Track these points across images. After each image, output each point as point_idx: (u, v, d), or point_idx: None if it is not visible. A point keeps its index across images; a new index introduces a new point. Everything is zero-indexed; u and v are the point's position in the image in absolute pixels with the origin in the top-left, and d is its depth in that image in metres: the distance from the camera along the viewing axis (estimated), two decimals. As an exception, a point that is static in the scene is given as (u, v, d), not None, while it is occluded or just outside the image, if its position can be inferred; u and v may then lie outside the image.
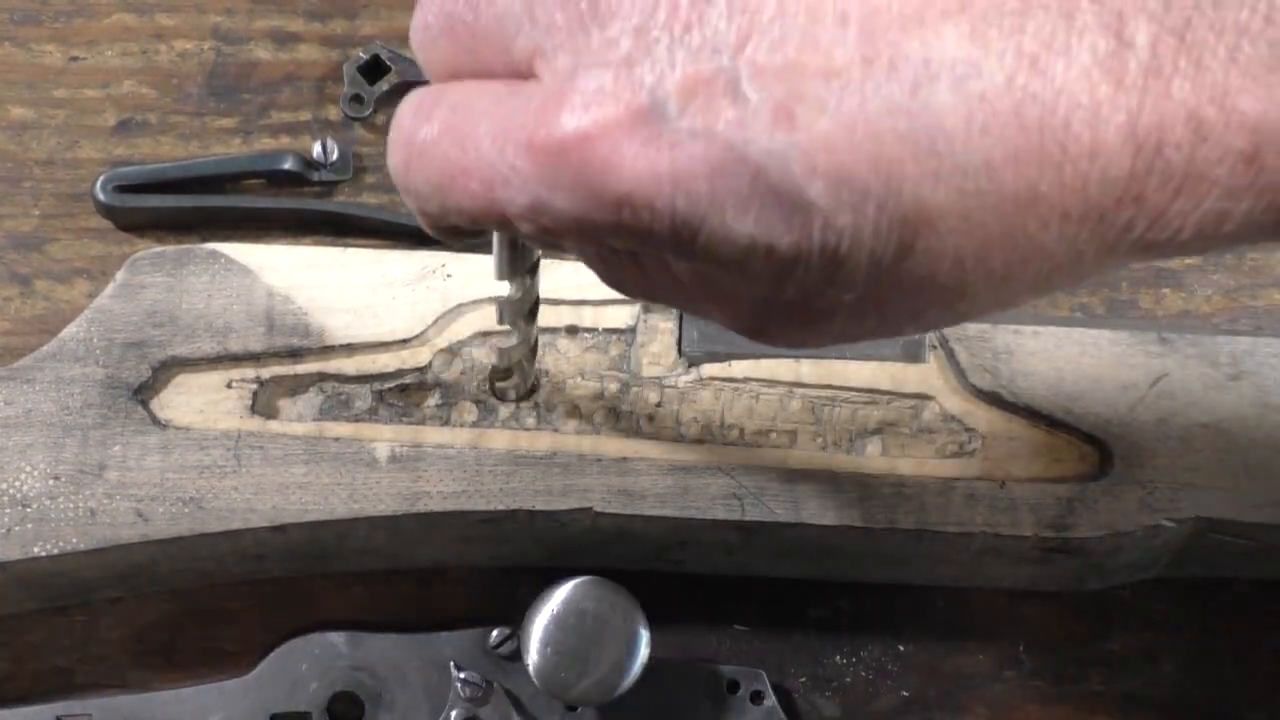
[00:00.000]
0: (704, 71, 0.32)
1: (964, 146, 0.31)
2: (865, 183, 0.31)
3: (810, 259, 0.33)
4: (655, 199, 0.32)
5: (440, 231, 0.39)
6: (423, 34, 0.37)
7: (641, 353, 0.54)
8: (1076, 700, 0.58)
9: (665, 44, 0.32)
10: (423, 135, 0.36)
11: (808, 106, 0.31)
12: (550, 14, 0.34)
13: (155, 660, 0.57)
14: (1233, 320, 0.62)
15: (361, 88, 0.63)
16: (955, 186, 0.31)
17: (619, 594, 0.51)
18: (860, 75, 0.31)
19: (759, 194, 0.32)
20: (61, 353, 0.52)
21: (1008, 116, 0.31)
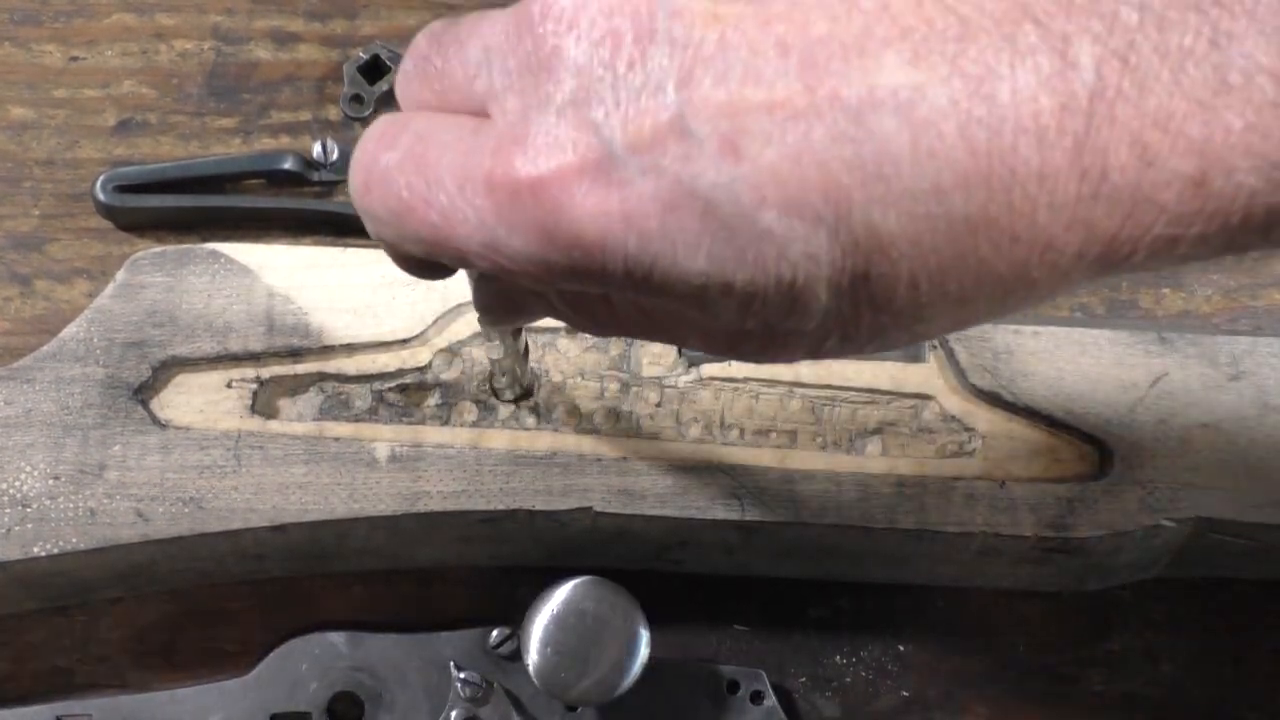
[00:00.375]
0: (649, 109, 0.32)
1: (911, 171, 0.31)
2: (816, 210, 0.31)
3: (767, 293, 0.33)
4: (607, 238, 0.33)
5: (399, 259, 0.39)
6: (402, 78, 0.38)
7: (641, 353, 0.54)
8: (1076, 700, 0.58)
9: (609, 83, 0.32)
10: (385, 161, 0.36)
11: (753, 139, 0.31)
12: (504, 59, 0.34)
13: (155, 660, 0.57)
14: (1233, 320, 0.62)
15: (361, 88, 0.63)
16: (905, 211, 0.31)
17: (619, 594, 0.51)
18: (804, 105, 0.31)
19: (710, 229, 0.32)
20: (61, 353, 0.52)
21: (954, 140, 0.31)
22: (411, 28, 0.65)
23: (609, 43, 0.32)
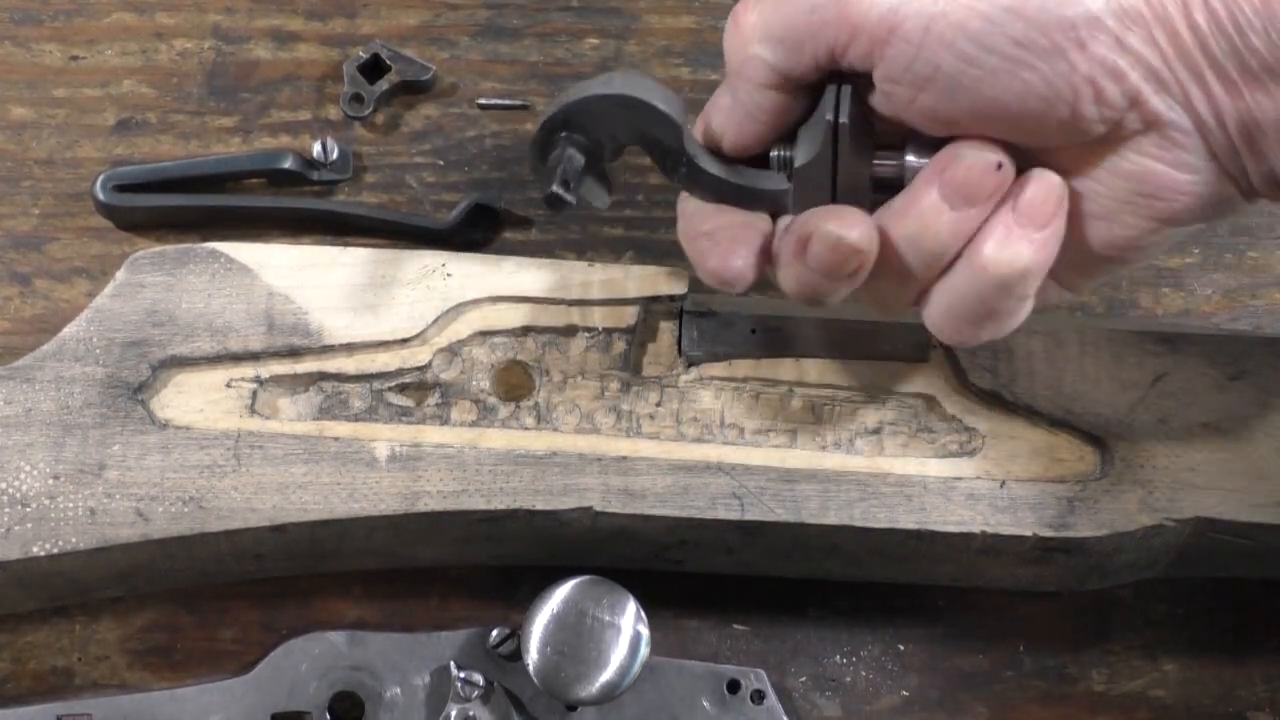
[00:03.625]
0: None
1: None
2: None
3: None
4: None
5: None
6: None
7: (641, 353, 0.54)
8: (1076, 700, 0.58)
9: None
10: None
11: None
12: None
13: (155, 660, 0.57)
14: (1233, 320, 0.62)
15: (361, 87, 0.63)
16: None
17: (619, 594, 0.51)
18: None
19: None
20: (61, 352, 0.52)
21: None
22: (412, 28, 0.65)
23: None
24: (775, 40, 0.45)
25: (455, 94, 0.64)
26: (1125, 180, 0.44)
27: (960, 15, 0.41)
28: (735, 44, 0.46)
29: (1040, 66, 0.42)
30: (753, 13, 0.45)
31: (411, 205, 0.63)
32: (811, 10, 0.43)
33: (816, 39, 0.44)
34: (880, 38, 0.43)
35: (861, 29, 0.43)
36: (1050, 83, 0.42)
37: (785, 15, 0.44)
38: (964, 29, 0.42)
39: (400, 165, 0.63)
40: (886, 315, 0.50)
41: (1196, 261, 0.63)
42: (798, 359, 0.54)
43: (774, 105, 0.46)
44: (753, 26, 0.45)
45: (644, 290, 0.54)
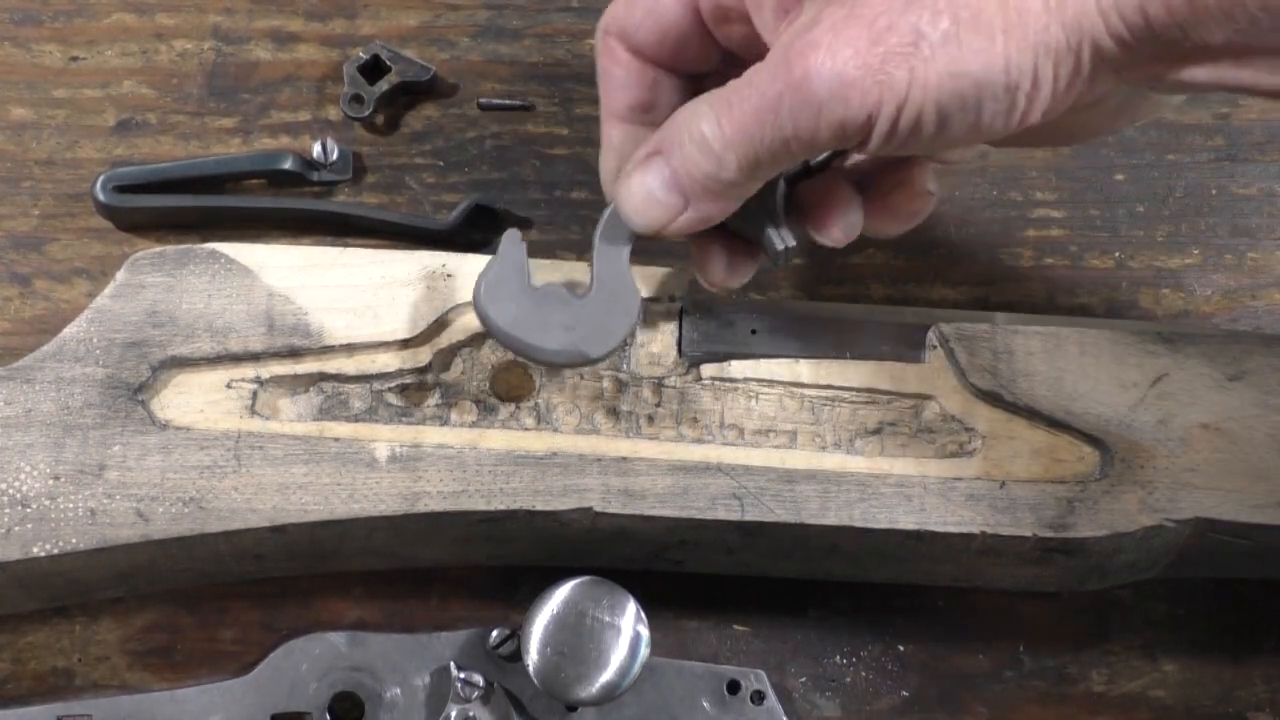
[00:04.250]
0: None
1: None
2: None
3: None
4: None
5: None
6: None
7: (641, 353, 0.54)
8: (1076, 700, 0.58)
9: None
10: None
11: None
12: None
13: (155, 660, 0.57)
14: (1233, 320, 0.62)
15: (361, 88, 0.63)
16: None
17: (619, 594, 0.51)
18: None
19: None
20: (62, 353, 0.52)
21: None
22: (411, 28, 0.65)
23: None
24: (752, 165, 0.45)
25: (455, 94, 0.64)
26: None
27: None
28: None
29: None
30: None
31: (411, 206, 0.63)
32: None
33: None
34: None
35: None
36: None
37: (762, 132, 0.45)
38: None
39: (400, 166, 0.63)
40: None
41: (1196, 261, 0.63)
42: (798, 359, 0.54)
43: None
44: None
45: (644, 290, 0.54)
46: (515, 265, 0.50)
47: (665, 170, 0.47)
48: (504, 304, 0.50)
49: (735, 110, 0.44)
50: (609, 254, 0.50)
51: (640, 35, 0.49)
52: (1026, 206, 0.64)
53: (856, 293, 0.62)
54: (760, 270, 0.52)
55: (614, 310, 0.51)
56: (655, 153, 0.47)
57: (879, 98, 0.41)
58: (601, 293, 0.50)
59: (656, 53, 0.49)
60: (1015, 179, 0.64)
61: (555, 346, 0.50)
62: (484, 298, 0.50)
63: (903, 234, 0.51)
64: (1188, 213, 0.64)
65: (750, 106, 0.43)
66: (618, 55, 0.50)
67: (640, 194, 0.48)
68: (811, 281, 0.62)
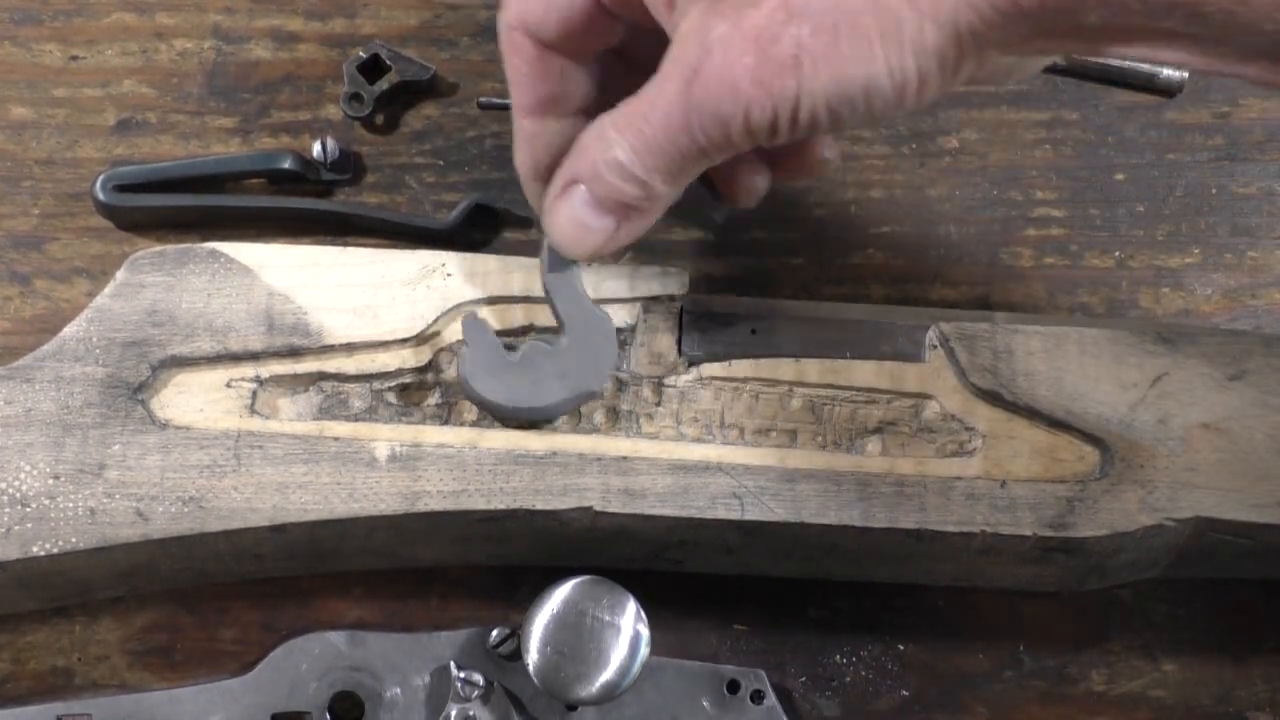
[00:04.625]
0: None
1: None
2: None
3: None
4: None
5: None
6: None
7: (641, 353, 0.54)
8: (1076, 700, 0.58)
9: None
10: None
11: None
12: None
13: (155, 660, 0.57)
14: (1233, 320, 0.62)
15: (361, 87, 0.63)
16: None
17: (619, 594, 0.51)
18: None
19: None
20: (61, 352, 0.52)
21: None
22: (412, 28, 0.65)
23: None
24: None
25: (455, 94, 0.64)
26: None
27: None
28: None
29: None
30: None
31: (411, 205, 0.63)
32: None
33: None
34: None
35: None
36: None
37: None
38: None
39: (400, 165, 0.63)
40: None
41: (1196, 261, 0.63)
42: (798, 359, 0.54)
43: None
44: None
45: (644, 290, 0.54)
46: (487, 345, 0.52)
47: (589, 197, 0.48)
48: (494, 384, 0.52)
49: (647, 134, 0.46)
50: (562, 288, 0.52)
51: (545, 27, 0.49)
52: (1026, 206, 0.64)
53: (856, 293, 0.62)
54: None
55: (593, 340, 0.52)
56: (573, 181, 0.48)
57: (774, 107, 0.43)
58: (574, 330, 0.52)
59: (563, 41, 0.50)
60: (1015, 179, 0.64)
61: (560, 398, 0.52)
62: (473, 386, 0.52)
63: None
64: (1188, 212, 0.64)
65: (660, 130, 0.45)
66: (524, 50, 0.50)
67: (571, 226, 0.49)
68: (811, 281, 0.62)
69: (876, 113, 0.43)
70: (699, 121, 0.44)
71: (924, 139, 0.64)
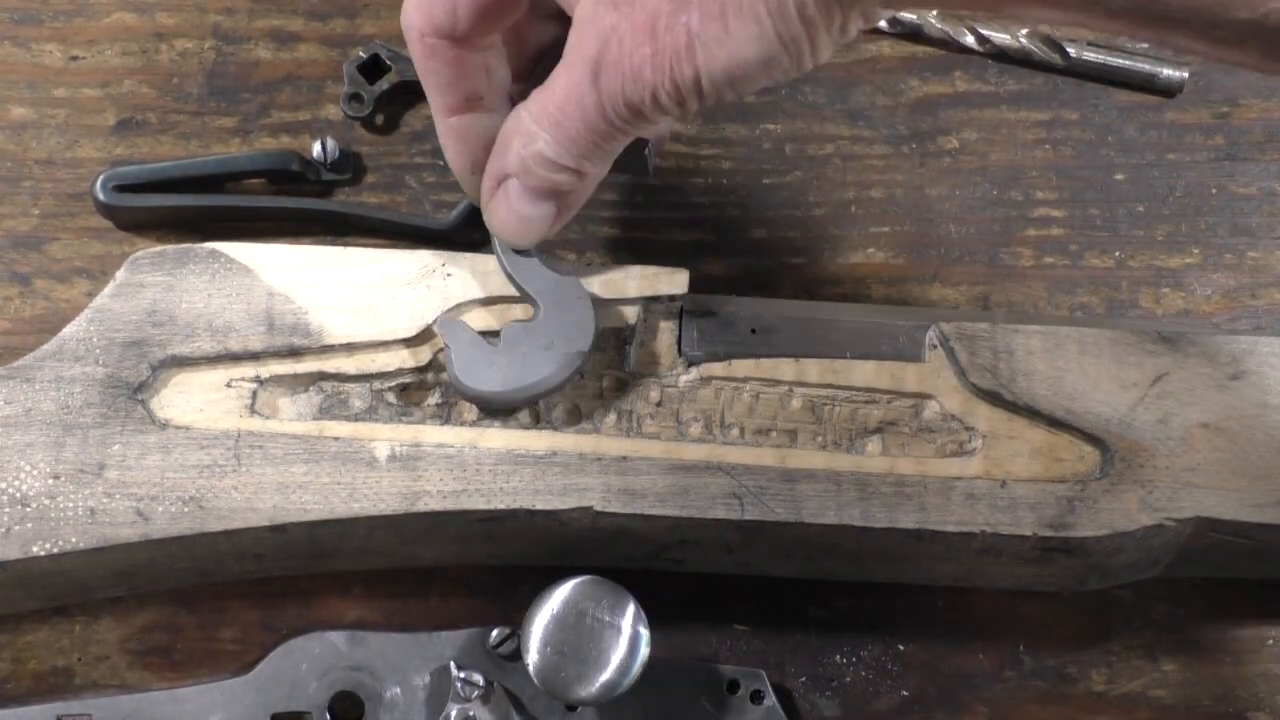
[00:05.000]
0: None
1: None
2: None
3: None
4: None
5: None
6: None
7: (641, 353, 0.54)
8: (1076, 700, 0.58)
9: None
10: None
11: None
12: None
13: (155, 660, 0.57)
14: (1233, 320, 0.62)
15: (361, 87, 0.63)
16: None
17: (619, 594, 0.51)
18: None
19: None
20: (61, 352, 0.52)
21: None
22: (411, 27, 0.65)
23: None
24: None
25: (455, 94, 0.64)
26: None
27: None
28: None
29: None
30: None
31: (411, 205, 0.63)
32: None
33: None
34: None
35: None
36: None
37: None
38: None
39: (400, 165, 0.63)
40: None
41: (1196, 261, 0.63)
42: (798, 359, 0.54)
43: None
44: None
45: (644, 290, 0.54)
46: (468, 341, 0.52)
47: (523, 189, 0.50)
48: (485, 375, 0.52)
49: (565, 126, 0.47)
50: (524, 268, 0.53)
51: (458, 25, 0.49)
52: (1026, 206, 0.64)
53: (856, 293, 0.62)
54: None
55: (567, 302, 0.52)
56: (504, 176, 0.50)
57: (678, 88, 0.44)
58: (546, 300, 0.52)
59: (475, 33, 0.50)
60: (1015, 179, 0.64)
61: (552, 368, 0.52)
62: (466, 384, 0.52)
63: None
64: (1188, 212, 0.64)
65: (577, 120, 0.47)
66: (440, 52, 0.50)
67: (513, 220, 0.51)
68: (811, 281, 0.62)
69: (778, 78, 0.44)
70: (611, 107, 0.46)
71: (924, 139, 0.64)
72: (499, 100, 0.52)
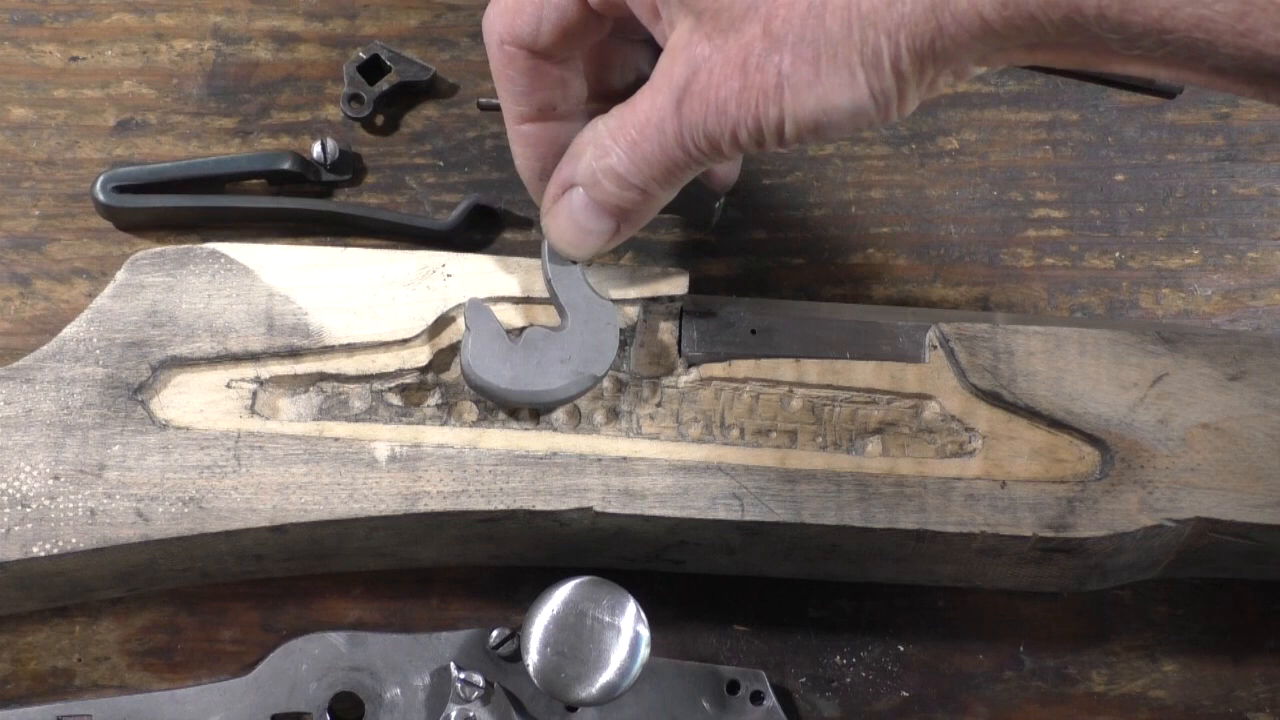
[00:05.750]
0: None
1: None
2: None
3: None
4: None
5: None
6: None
7: (641, 353, 0.54)
8: (1076, 700, 0.58)
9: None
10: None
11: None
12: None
13: (155, 660, 0.57)
14: (1233, 320, 0.62)
15: (361, 87, 0.63)
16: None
17: (619, 594, 0.51)
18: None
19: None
20: (61, 353, 0.52)
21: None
22: (411, 28, 0.65)
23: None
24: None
25: (455, 94, 0.64)
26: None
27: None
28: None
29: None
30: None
31: (411, 206, 0.63)
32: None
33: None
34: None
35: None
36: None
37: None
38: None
39: (400, 166, 0.63)
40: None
41: (1196, 262, 0.63)
42: (798, 359, 0.54)
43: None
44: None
45: (644, 290, 0.54)
46: (490, 331, 0.52)
47: (588, 201, 0.49)
48: (496, 368, 0.52)
49: (641, 146, 0.47)
50: (565, 279, 0.53)
51: (540, 38, 0.49)
52: (1026, 206, 0.64)
53: (856, 293, 0.62)
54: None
55: (595, 326, 0.52)
56: (570, 185, 0.50)
57: (760, 128, 0.44)
58: (577, 317, 0.52)
59: (556, 48, 0.50)
60: (1015, 179, 0.64)
61: (561, 383, 0.52)
62: (475, 370, 0.52)
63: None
64: (1188, 213, 0.64)
65: (654, 142, 0.47)
66: (518, 61, 0.50)
67: (571, 229, 0.50)
68: (811, 281, 0.62)
69: (861, 127, 0.44)
70: (690, 136, 0.46)
71: (924, 139, 0.64)
72: (573, 112, 0.52)
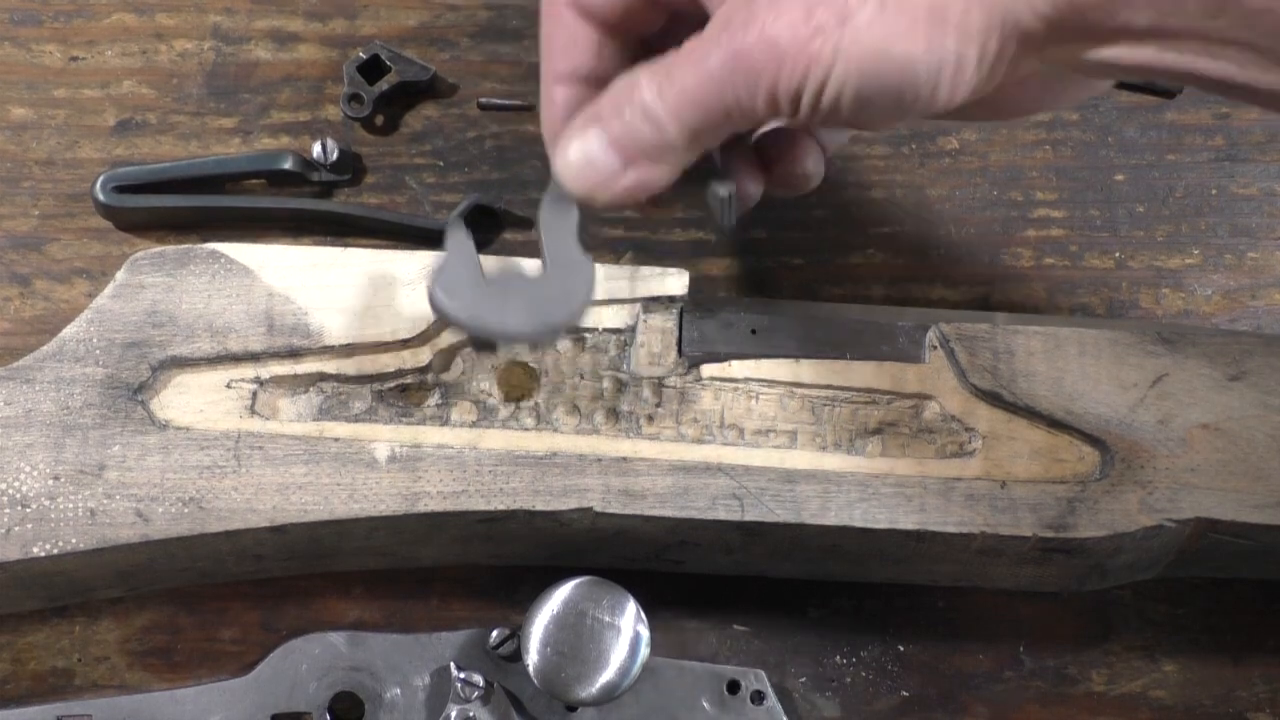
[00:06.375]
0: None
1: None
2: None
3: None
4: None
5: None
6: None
7: (641, 353, 0.54)
8: (1076, 700, 0.58)
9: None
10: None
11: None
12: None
13: (155, 660, 0.57)
14: (1233, 320, 0.62)
15: (361, 87, 0.63)
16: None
17: (620, 594, 0.51)
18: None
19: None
20: (61, 353, 0.52)
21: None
22: (411, 28, 0.65)
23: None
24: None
25: (455, 95, 0.64)
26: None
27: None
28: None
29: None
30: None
31: (411, 206, 0.63)
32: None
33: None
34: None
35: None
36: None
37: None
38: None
39: (400, 166, 0.63)
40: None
41: (1196, 262, 0.63)
42: (798, 359, 0.54)
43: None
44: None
45: (644, 290, 0.54)
46: (466, 258, 0.49)
47: (604, 135, 0.47)
48: (461, 296, 0.49)
49: (676, 81, 0.45)
50: (556, 230, 0.50)
51: (605, 8, 0.49)
52: (1026, 206, 0.64)
53: (856, 293, 0.62)
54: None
55: (571, 280, 0.50)
56: (594, 118, 0.48)
57: (806, 70, 0.42)
58: (555, 267, 0.50)
59: (607, 14, 0.49)
60: (1015, 179, 0.64)
61: (519, 327, 0.49)
62: (439, 293, 0.49)
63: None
64: (1188, 213, 0.64)
65: (690, 77, 0.44)
66: (565, 19, 0.50)
67: (578, 158, 0.48)
68: (811, 281, 0.62)
69: (906, 102, 0.43)
70: (730, 75, 0.44)
71: (924, 139, 0.64)
72: (606, 84, 0.50)
